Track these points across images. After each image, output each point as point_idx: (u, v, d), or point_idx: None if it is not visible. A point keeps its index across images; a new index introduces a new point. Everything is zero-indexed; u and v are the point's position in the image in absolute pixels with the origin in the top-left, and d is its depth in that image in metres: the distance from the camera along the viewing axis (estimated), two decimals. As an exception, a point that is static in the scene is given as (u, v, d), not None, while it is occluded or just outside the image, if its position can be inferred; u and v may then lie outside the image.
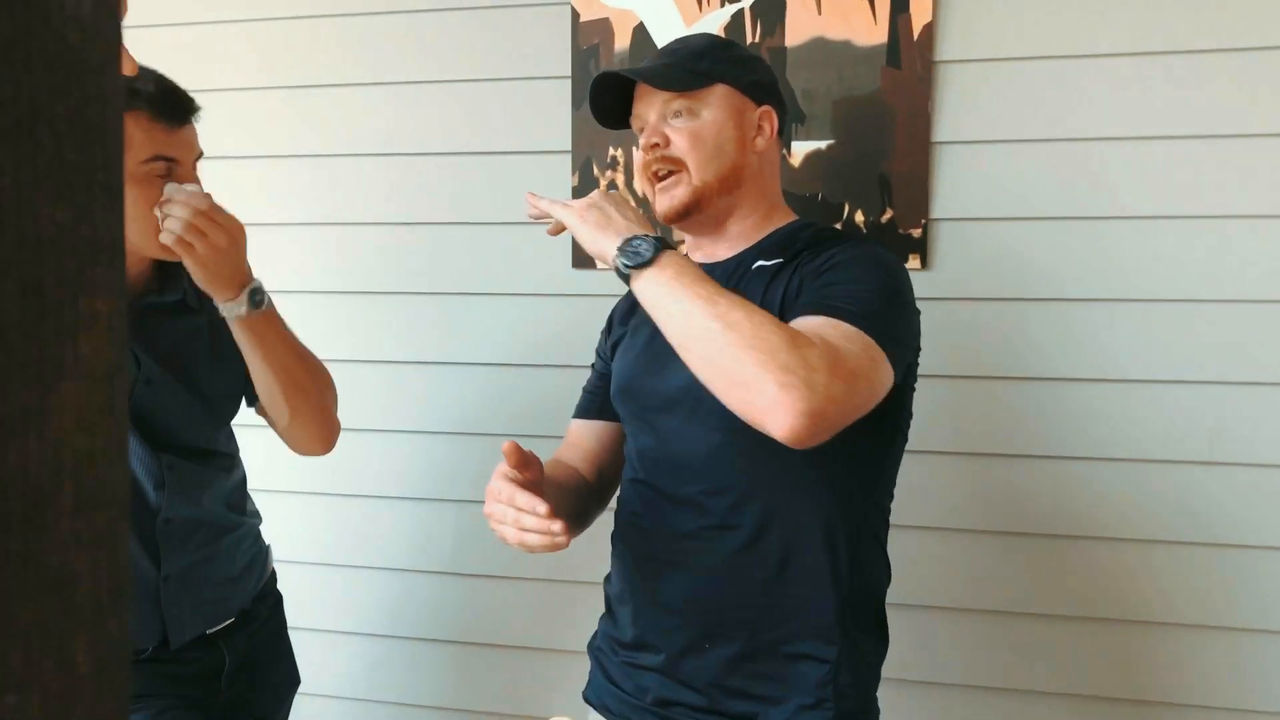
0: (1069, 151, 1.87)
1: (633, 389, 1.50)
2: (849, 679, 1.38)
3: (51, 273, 0.28)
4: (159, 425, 1.62)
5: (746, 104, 1.48)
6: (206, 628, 1.71)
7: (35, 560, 0.28)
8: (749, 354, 1.16)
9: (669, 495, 1.43)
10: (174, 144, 1.53)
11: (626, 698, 1.47)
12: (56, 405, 0.28)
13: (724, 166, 1.45)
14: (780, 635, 1.38)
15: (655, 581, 1.44)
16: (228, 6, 2.25)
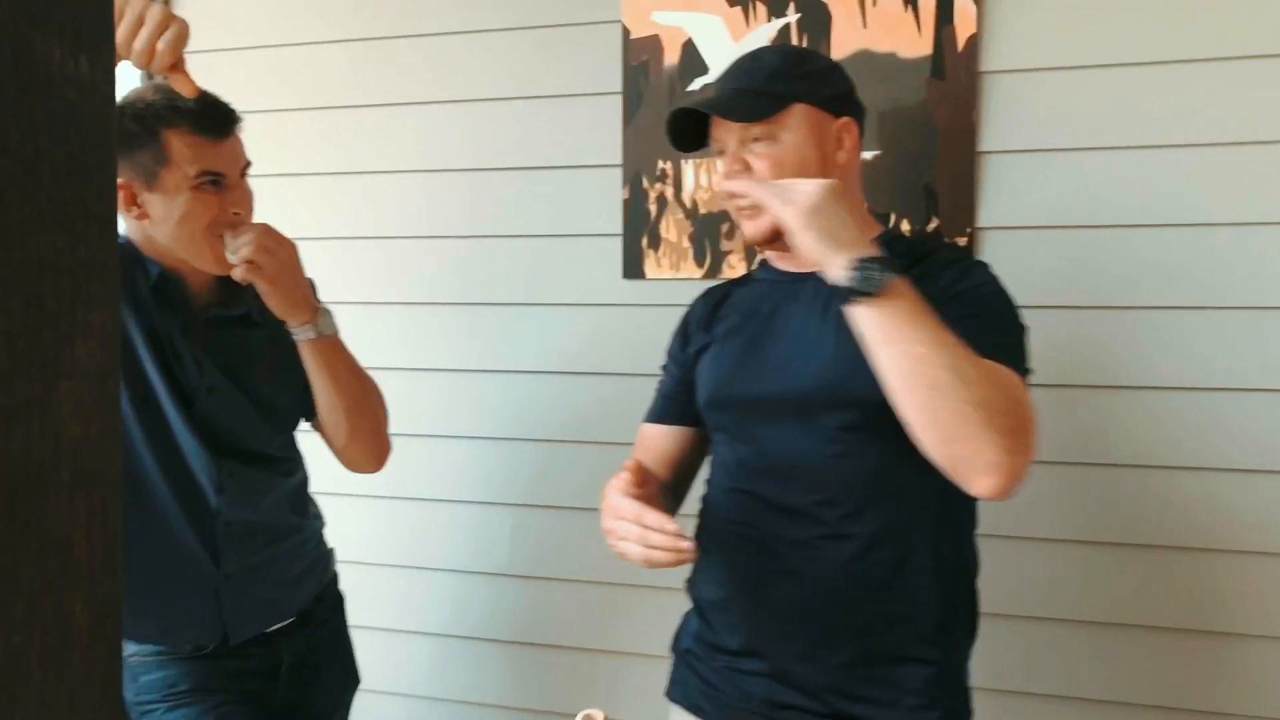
0: (1114, 159, 1.88)
1: (730, 399, 1.50)
2: (954, 677, 1.42)
3: (51, 289, 0.34)
4: (220, 431, 1.69)
5: (825, 119, 1.45)
6: (265, 627, 1.77)
7: (37, 527, 0.34)
8: (978, 413, 1.18)
9: (777, 505, 1.43)
10: (219, 157, 1.58)
11: (727, 700, 1.47)
12: (56, 399, 0.34)
13: None
14: (891, 640, 1.39)
15: (764, 590, 1.43)
16: (292, 31, 2.35)
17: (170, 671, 1.70)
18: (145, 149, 1.54)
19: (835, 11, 1.99)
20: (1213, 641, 1.90)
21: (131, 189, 1.58)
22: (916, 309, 1.22)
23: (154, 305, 1.61)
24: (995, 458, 1.19)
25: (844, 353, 1.34)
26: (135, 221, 1.61)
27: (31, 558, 0.34)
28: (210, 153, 1.57)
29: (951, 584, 1.42)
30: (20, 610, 0.33)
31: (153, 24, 1.26)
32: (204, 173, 1.57)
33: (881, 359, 1.23)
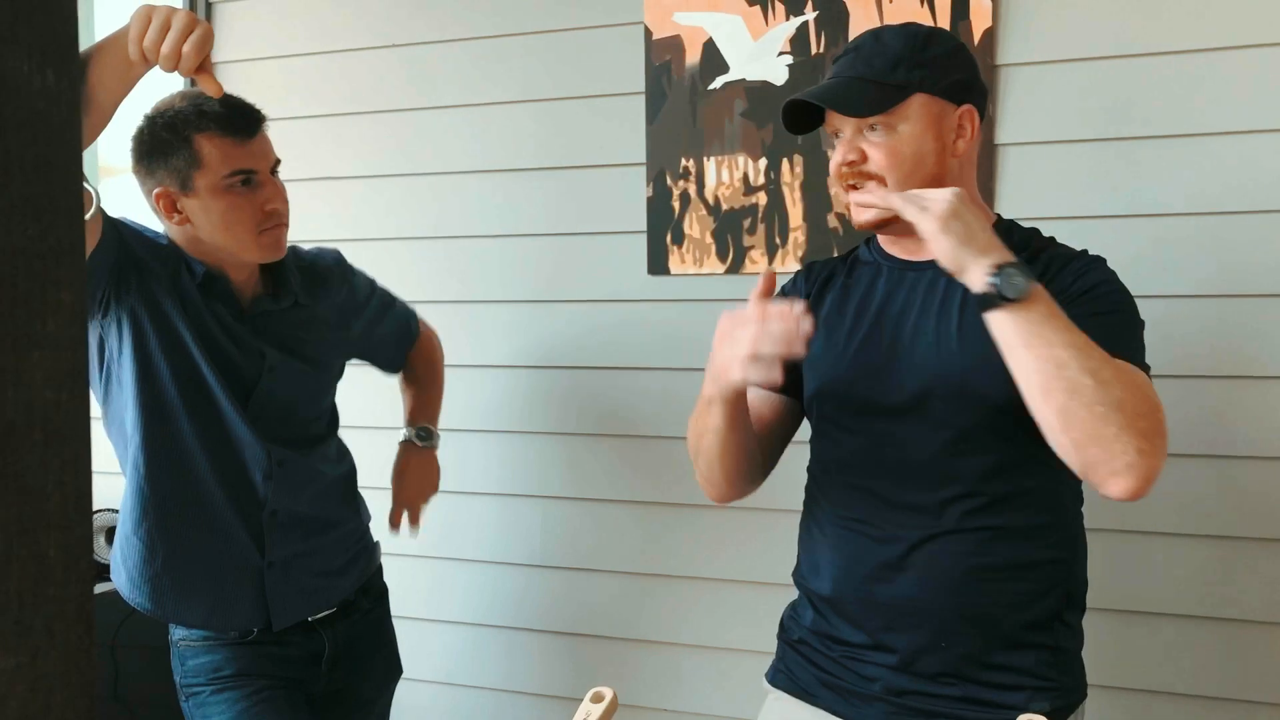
0: (1131, 150, 1.89)
1: (846, 395, 1.48)
2: (1067, 659, 1.44)
3: (24, 271, 0.39)
4: (275, 414, 1.77)
5: (946, 108, 1.41)
6: (308, 614, 1.83)
7: (13, 477, 0.39)
8: (1116, 415, 1.19)
9: (894, 501, 1.42)
10: (248, 156, 1.66)
11: (846, 686, 1.47)
12: (29, 367, 0.39)
13: (924, 178, 1.40)
14: (1008, 628, 1.40)
15: (883, 586, 1.43)
16: (328, 39, 2.43)
17: (216, 656, 1.78)
18: (178, 155, 1.62)
19: (853, 8, 2.03)
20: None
21: (170, 195, 1.65)
22: (1053, 312, 1.22)
23: (202, 303, 1.69)
24: (1132, 459, 1.20)
25: (970, 352, 1.34)
26: (177, 226, 1.69)
27: (9, 505, 0.39)
28: (239, 152, 1.65)
29: (1065, 567, 1.43)
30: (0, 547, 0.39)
31: (178, 28, 1.33)
32: (235, 172, 1.64)
33: (1020, 362, 1.23)
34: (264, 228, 1.68)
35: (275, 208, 1.68)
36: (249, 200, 1.66)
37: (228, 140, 1.63)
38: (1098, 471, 1.23)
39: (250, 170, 1.66)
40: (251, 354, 1.74)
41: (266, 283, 1.80)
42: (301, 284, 1.82)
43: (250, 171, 1.66)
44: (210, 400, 1.70)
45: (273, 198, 1.68)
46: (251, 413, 1.74)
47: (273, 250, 1.71)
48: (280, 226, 1.71)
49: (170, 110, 1.63)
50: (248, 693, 1.76)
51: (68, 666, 0.41)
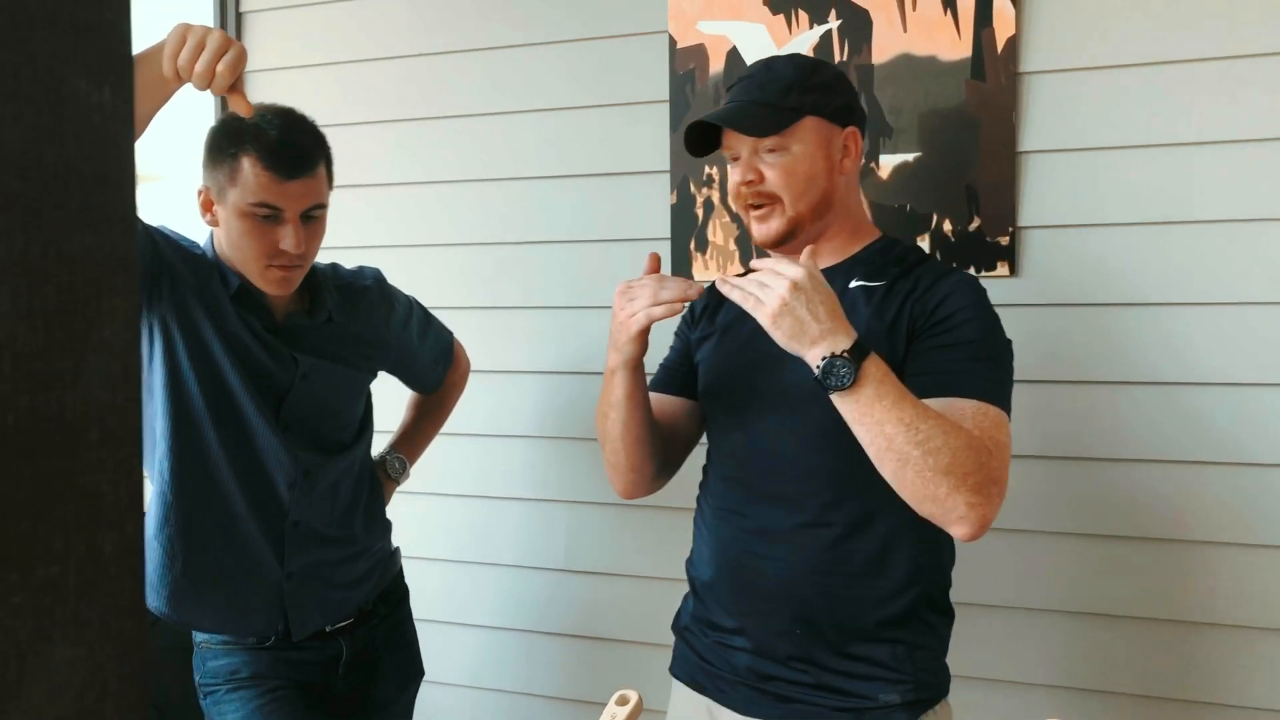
0: (1155, 157, 1.89)
1: (725, 390, 1.61)
2: (925, 655, 1.52)
3: (81, 279, 0.41)
4: (307, 423, 1.79)
5: (833, 130, 1.55)
6: (326, 624, 1.86)
7: (70, 477, 0.41)
8: (945, 479, 1.31)
9: (763, 492, 1.54)
10: (280, 194, 1.64)
11: (720, 673, 1.58)
12: (86, 370, 0.41)
13: (816, 195, 1.54)
14: (867, 621, 1.49)
15: (749, 573, 1.55)
16: (354, 48, 2.46)
17: (234, 659, 1.80)
18: (224, 164, 1.64)
19: (876, 17, 2.04)
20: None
21: (209, 196, 1.68)
22: (881, 392, 1.32)
23: (235, 314, 1.70)
24: (963, 513, 1.33)
25: None
26: (212, 229, 1.71)
27: (68, 503, 0.41)
28: (273, 189, 1.63)
29: (925, 570, 1.52)
30: (58, 544, 0.40)
31: (213, 48, 1.35)
32: (260, 204, 1.64)
33: (856, 434, 1.35)
34: (271, 264, 1.67)
35: (286, 250, 1.66)
36: (265, 233, 1.65)
37: (266, 172, 1.62)
38: (936, 520, 1.37)
39: (276, 208, 1.65)
40: (284, 361, 1.75)
41: (302, 299, 1.81)
42: (337, 302, 1.84)
43: (276, 209, 1.65)
44: (237, 410, 1.72)
45: (288, 239, 1.65)
46: (283, 420, 1.76)
47: (277, 286, 1.70)
48: (290, 268, 1.69)
49: (235, 121, 1.63)
50: (261, 691, 1.79)
51: (122, 658, 0.43)
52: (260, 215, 1.65)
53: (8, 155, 0.39)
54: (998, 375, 1.45)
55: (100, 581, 0.42)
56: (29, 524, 0.39)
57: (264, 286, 1.70)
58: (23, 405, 0.39)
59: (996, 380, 1.44)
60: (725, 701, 1.57)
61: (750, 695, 1.54)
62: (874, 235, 1.63)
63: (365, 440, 1.93)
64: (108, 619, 0.42)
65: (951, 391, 1.40)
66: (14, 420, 0.39)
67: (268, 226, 1.65)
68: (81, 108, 0.41)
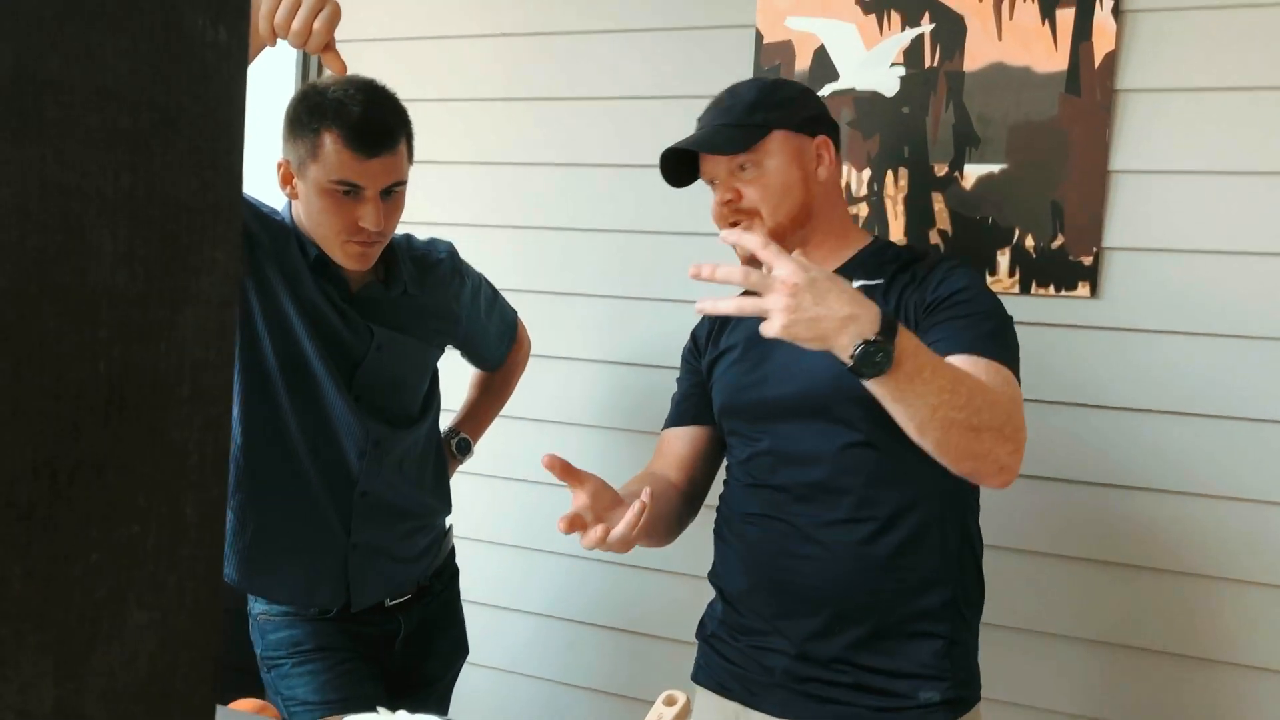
0: (1250, 185, 1.83)
1: (742, 405, 1.62)
2: (961, 650, 1.53)
3: (184, 226, 0.39)
4: (378, 393, 1.79)
5: (803, 141, 1.59)
6: (385, 597, 1.86)
7: (159, 433, 0.39)
8: (986, 435, 1.32)
9: (793, 494, 1.55)
10: (361, 172, 1.62)
11: (753, 677, 1.58)
12: (181, 323, 0.39)
13: (794, 206, 1.58)
14: (902, 616, 1.50)
15: (784, 573, 1.55)
16: (439, 24, 2.45)
17: (296, 631, 1.80)
18: (305, 139, 1.62)
19: (970, 24, 1.99)
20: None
21: (289, 169, 1.67)
22: (922, 363, 1.27)
23: (312, 282, 1.70)
24: (1004, 463, 1.36)
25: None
26: (293, 200, 1.71)
27: (152, 459, 0.39)
28: (354, 166, 1.62)
29: (958, 563, 1.53)
30: (141, 502, 0.38)
31: (309, 5, 1.34)
32: (340, 181, 1.62)
33: (897, 414, 1.32)
34: (351, 239, 1.66)
35: (365, 226, 1.64)
36: (345, 209, 1.64)
37: (347, 150, 1.60)
38: (975, 477, 1.40)
39: (357, 185, 1.63)
40: (359, 331, 1.75)
41: (378, 270, 1.80)
42: (412, 274, 1.83)
43: (357, 186, 1.63)
44: (311, 377, 1.72)
45: (368, 217, 1.63)
46: (355, 390, 1.76)
47: (356, 261, 1.69)
48: (368, 244, 1.68)
49: (317, 94, 1.62)
50: (329, 664, 1.79)
51: (196, 626, 0.41)
52: (341, 192, 1.63)
53: (119, 90, 0.37)
54: (1004, 340, 1.47)
55: (180, 545, 0.40)
56: (113, 479, 0.37)
57: (343, 261, 1.70)
58: (117, 354, 0.37)
59: (1004, 344, 1.46)
60: (758, 705, 1.57)
61: (786, 697, 1.54)
62: (865, 240, 1.66)
63: (431, 415, 1.93)
64: (184, 585, 0.40)
65: (962, 350, 1.42)
66: (106, 369, 0.37)
67: (348, 202, 1.64)
68: (196, 46, 0.39)
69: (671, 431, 1.75)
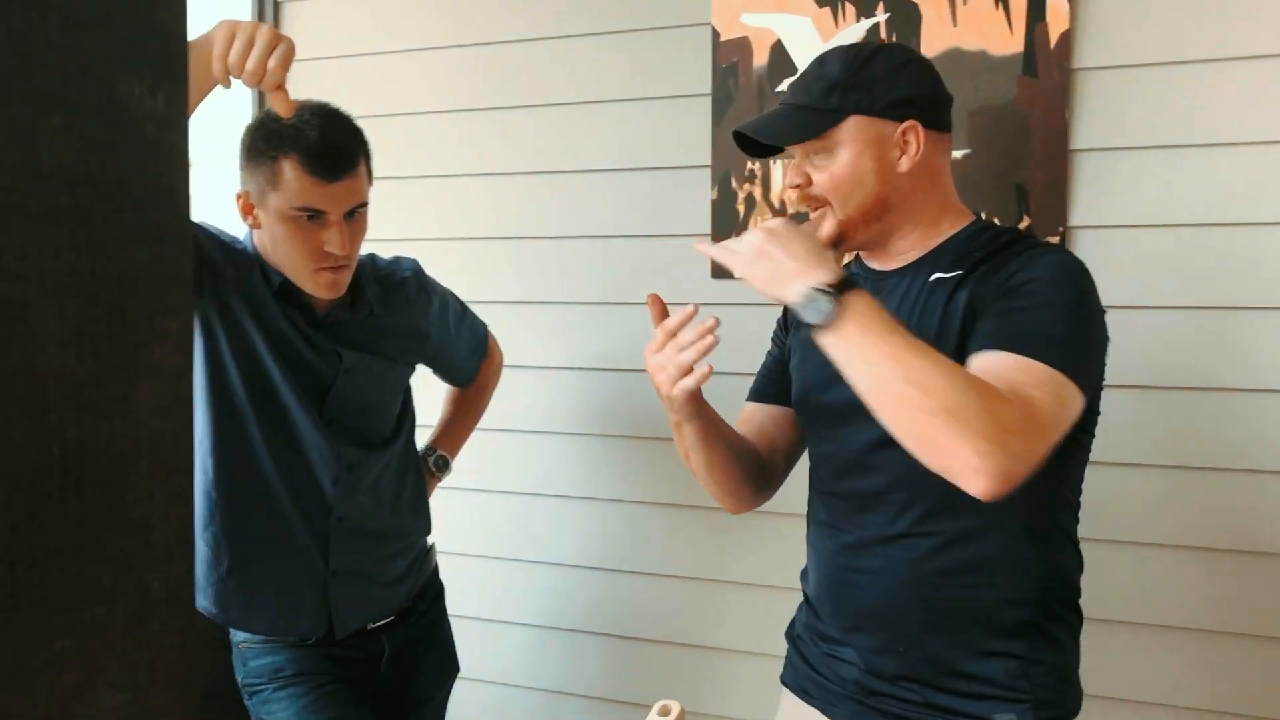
0: (1211, 157, 1.84)
1: (813, 401, 1.53)
2: (1045, 670, 1.40)
3: (132, 300, 0.38)
4: (349, 417, 1.78)
5: (884, 128, 1.42)
6: (368, 622, 1.85)
7: (120, 510, 0.38)
8: (945, 422, 1.17)
9: (857, 505, 1.46)
10: (323, 197, 1.61)
11: (828, 684, 1.51)
12: (137, 397, 0.39)
13: (866, 199, 1.43)
14: (972, 636, 1.40)
15: (847, 588, 1.48)
16: (399, 38, 2.44)
17: (277, 658, 1.79)
18: (263, 167, 1.61)
19: (925, 11, 1.99)
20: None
21: (249, 199, 1.65)
22: (871, 327, 1.21)
23: (278, 309, 1.68)
24: (974, 464, 1.17)
25: None
26: (254, 230, 1.69)
27: (115, 538, 0.38)
28: (316, 191, 1.60)
29: (1044, 579, 1.40)
30: (106, 583, 0.38)
31: (263, 44, 1.32)
32: (303, 208, 1.61)
33: (851, 380, 1.24)
34: (320, 266, 1.65)
35: (332, 251, 1.63)
36: (310, 235, 1.62)
37: (308, 176, 1.59)
38: (949, 474, 1.20)
39: (319, 210, 1.62)
40: (328, 355, 1.74)
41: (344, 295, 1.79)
42: (378, 294, 1.81)
43: (320, 212, 1.62)
44: (280, 405, 1.71)
45: (333, 241, 1.62)
46: (326, 415, 1.74)
47: (328, 290, 1.68)
48: (338, 269, 1.67)
49: (273, 123, 1.60)
50: (310, 688, 1.78)
51: (171, 701, 0.40)
52: (305, 218, 1.62)
53: (57, 167, 0.36)
54: (1060, 337, 1.29)
55: (149, 623, 0.39)
56: (76, 562, 0.37)
57: (315, 292, 1.68)
58: (70, 436, 0.36)
59: (1056, 343, 1.28)
60: (832, 715, 1.50)
61: (857, 710, 1.47)
62: (962, 222, 1.48)
63: (405, 434, 1.92)
64: (156, 662, 0.40)
65: (993, 346, 1.28)
66: (60, 452, 0.36)
67: (312, 228, 1.62)
68: (134, 116, 0.38)
69: (752, 405, 1.66)
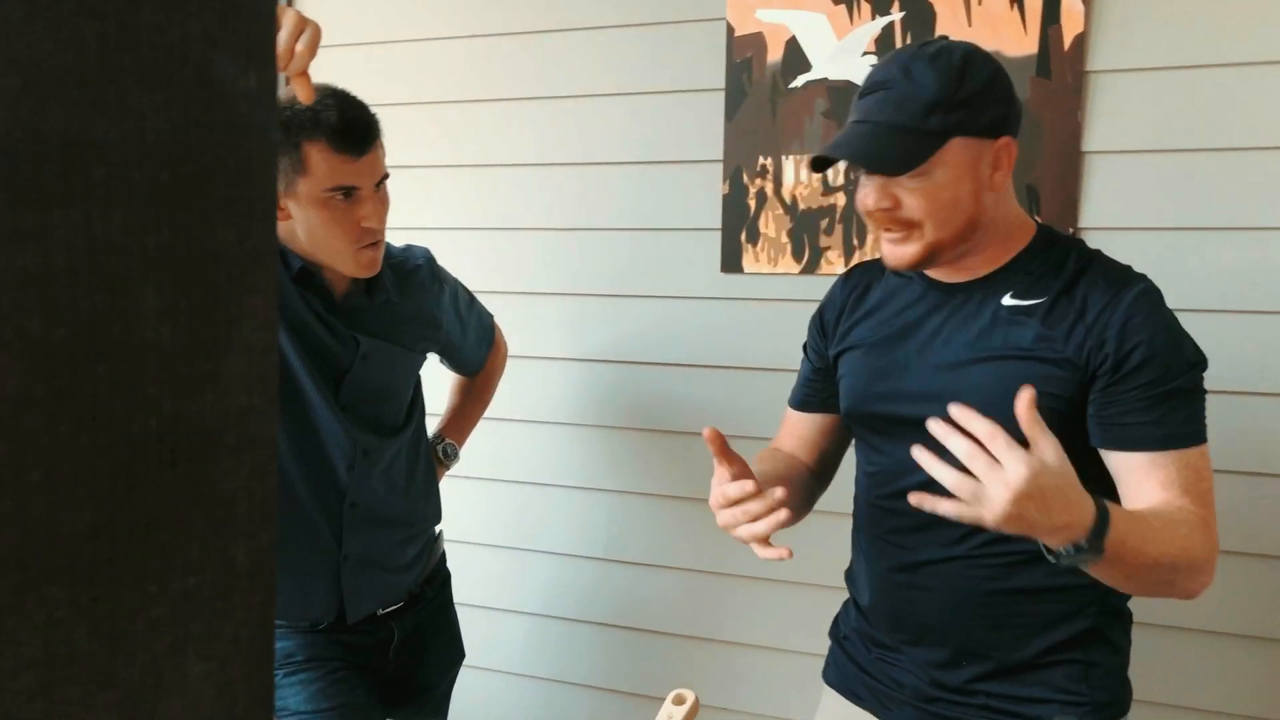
0: (1224, 161, 1.85)
1: (870, 414, 1.49)
2: (1102, 673, 1.42)
3: (224, 276, 0.39)
4: (366, 403, 1.79)
5: (983, 147, 1.34)
6: (379, 608, 1.86)
7: (207, 483, 0.39)
8: (1183, 579, 1.28)
9: (915, 523, 1.38)
10: (355, 173, 1.63)
11: (882, 688, 1.50)
12: (225, 372, 0.39)
13: (961, 221, 1.35)
14: (1034, 649, 1.40)
15: (906, 603, 1.46)
16: (406, 28, 2.44)
17: (288, 643, 1.79)
18: (286, 156, 1.61)
19: (940, 10, 2.00)
20: None
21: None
22: (1125, 551, 1.20)
23: (296, 295, 1.69)
24: (1198, 587, 1.30)
25: (992, 391, 1.29)
26: (279, 221, 1.68)
27: (203, 510, 0.39)
28: (347, 168, 1.62)
29: (1097, 594, 1.38)
30: (195, 554, 0.38)
31: (290, 27, 1.33)
32: (337, 187, 1.62)
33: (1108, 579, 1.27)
34: (360, 244, 1.66)
35: (371, 225, 1.65)
36: (347, 214, 1.63)
37: (337, 155, 1.60)
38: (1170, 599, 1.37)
39: (353, 186, 1.63)
40: (345, 341, 1.74)
41: (360, 279, 1.80)
42: (393, 281, 1.82)
43: (353, 187, 1.63)
44: (297, 390, 1.71)
45: (371, 215, 1.64)
46: (342, 400, 1.75)
47: (368, 267, 1.70)
48: (376, 244, 1.69)
49: (288, 110, 1.60)
50: (321, 673, 1.78)
51: (250, 673, 0.41)
52: (340, 197, 1.63)
53: (156, 145, 0.36)
54: (1193, 407, 1.32)
55: (234, 594, 0.40)
56: (169, 534, 0.37)
57: (357, 271, 1.69)
58: (166, 409, 0.37)
59: (1192, 414, 1.32)
60: (887, 718, 1.50)
61: (915, 715, 1.46)
62: (1028, 236, 1.42)
63: (415, 420, 1.93)
64: (239, 633, 0.40)
65: (1149, 445, 1.30)
66: (157, 425, 0.37)
67: (347, 206, 1.63)
68: (229, 95, 0.39)
69: (795, 414, 1.64)
